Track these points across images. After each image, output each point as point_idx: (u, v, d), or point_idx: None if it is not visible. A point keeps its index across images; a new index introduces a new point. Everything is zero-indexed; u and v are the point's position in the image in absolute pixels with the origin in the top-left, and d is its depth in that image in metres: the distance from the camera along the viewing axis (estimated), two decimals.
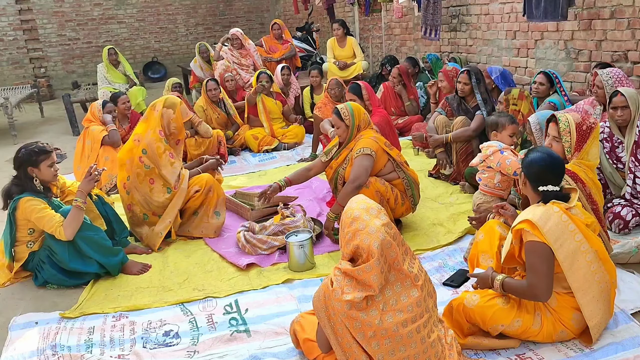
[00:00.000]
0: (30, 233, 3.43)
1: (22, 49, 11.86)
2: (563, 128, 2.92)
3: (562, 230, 2.39)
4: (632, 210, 3.51)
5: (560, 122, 2.94)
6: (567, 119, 2.93)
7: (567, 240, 2.39)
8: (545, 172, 2.50)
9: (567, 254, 2.39)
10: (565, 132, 2.91)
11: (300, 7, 10.84)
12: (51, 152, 3.47)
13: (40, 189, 3.44)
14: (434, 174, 4.98)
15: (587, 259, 2.42)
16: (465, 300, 2.52)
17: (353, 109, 3.79)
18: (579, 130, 2.89)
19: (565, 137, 2.92)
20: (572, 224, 2.42)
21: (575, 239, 2.41)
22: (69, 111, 8.26)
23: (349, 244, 2.19)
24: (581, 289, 2.41)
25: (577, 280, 2.41)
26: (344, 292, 2.15)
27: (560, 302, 2.49)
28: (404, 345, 2.17)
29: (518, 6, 5.85)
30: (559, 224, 2.40)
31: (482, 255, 2.80)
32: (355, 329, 2.15)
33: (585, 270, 2.42)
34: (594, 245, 2.46)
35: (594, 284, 2.44)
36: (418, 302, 2.21)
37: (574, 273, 2.40)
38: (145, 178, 3.90)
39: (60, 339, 2.90)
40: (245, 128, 6.60)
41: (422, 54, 8.06)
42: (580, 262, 2.41)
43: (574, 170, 2.87)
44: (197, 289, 3.36)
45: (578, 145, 2.91)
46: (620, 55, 4.78)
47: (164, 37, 13.71)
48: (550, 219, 2.39)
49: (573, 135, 2.90)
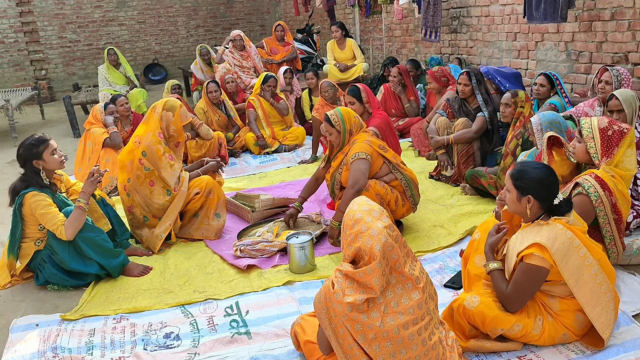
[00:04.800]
0: (41, 229, 3.43)
1: (23, 51, 11.89)
2: (586, 134, 2.83)
3: (567, 248, 2.37)
4: (632, 211, 3.51)
5: (583, 128, 2.84)
6: (591, 124, 2.83)
7: (572, 257, 2.37)
8: (552, 185, 2.45)
9: (572, 271, 2.37)
10: (589, 138, 2.83)
11: (301, 9, 10.85)
12: (49, 139, 3.48)
13: (46, 183, 3.45)
14: (435, 175, 4.98)
15: (592, 272, 2.40)
16: (465, 301, 2.50)
17: (342, 114, 3.77)
18: (603, 136, 2.81)
19: (589, 143, 2.83)
20: (576, 239, 2.39)
21: (579, 254, 2.38)
22: (69, 113, 8.27)
23: (350, 245, 2.19)
24: (590, 303, 2.40)
25: (585, 295, 2.39)
26: (345, 294, 2.14)
27: (562, 306, 2.49)
28: (405, 348, 2.17)
29: (518, 8, 5.86)
30: (564, 242, 2.37)
31: (477, 256, 2.76)
32: (357, 331, 2.15)
33: (592, 284, 2.40)
34: (596, 256, 2.44)
35: (602, 295, 2.42)
36: (419, 304, 2.21)
37: (580, 288, 2.39)
38: (145, 180, 3.90)
39: (60, 341, 2.90)
40: (246, 130, 6.60)
41: (422, 55, 8.07)
42: (585, 276, 2.39)
43: (602, 177, 2.80)
44: (198, 291, 3.35)
45: (605, 151, 2.81)
46: (621, 56, 4.78)
47: (165, 39, 13.73)
48: (557, 239, 2.36)
49: (597, 140, 2.82)
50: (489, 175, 4.26)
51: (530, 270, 2.39)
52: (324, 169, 3.97)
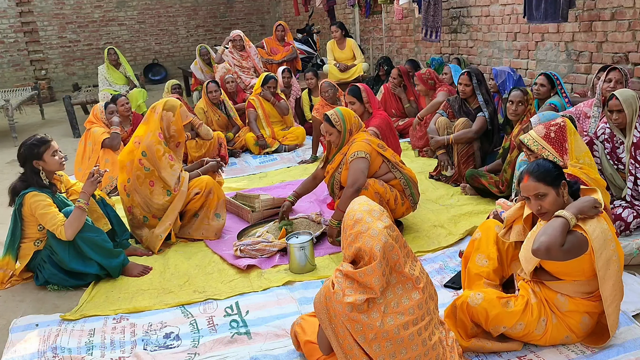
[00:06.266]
0: (40, 229, 3.43)
1: (23, 51, 11.89)
2: (536, 148, 2.89)
3: (604, 238, 2.37)
4: (633, 212, 3.51)
5: (530, 145, 2.90)
6: (534, 138, 2.90)
7: (606, 249, 2.37)
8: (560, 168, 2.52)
9: (604, 262, 2.36)
10: (540, 149, 2.89)
11: (301, 9, 10.85)
12: (50, 140, 3.48)
13: (45, 183, 3.44)
14: (435, 175, 4.98)
15: (616, 268, 2.41)
16: (469, 298, 2.50)
17: (343, 113, 3.77)
18: (549, 140, 2.88)
19: (544, 154, 2.89)
20: (610, 232, 2.39)
21: (610, 248, 2.38)
22: (69, 113, 8.27)
23: (351, 246, 2.19)
24: (610, 298, 2.40)
25: (608, 289, 2.39)
26: (345, 295, 2.14)
27: (571, 307, 2.48)
28: (405, 348, 2.17)
29: (518, 8, 5.86)
30: (603, 232, 2.37)
31: (477, 255, 2.76)
32: (357, 331, 2.15)
33: (615, 278, 2.40)
34: (620, 252, 2.44)
35: (619, 292, 2.43)
36: (419, 304, 2.21)
37: (606, 282, 2.38)
38: (145, 180, 3.89)
39: (60, 341, 2.90)
40: (246, 130, 6.60)
41: (422, 55, 8.06)
42: (611, 270, 2.39)
43: (574, 173, 2.85)
44: (198, 291, 3.35)
45: (559, 149, 2.89)
46: (621, 56, 4.78)
47: (165, 39, 13.74)
48: (597, 228, 2.36)
49: (548, 147, 2.89)
50: (489, 175, 4.26)
51: (576, 239, 2.33)
52: (322, 169, 3.98)
